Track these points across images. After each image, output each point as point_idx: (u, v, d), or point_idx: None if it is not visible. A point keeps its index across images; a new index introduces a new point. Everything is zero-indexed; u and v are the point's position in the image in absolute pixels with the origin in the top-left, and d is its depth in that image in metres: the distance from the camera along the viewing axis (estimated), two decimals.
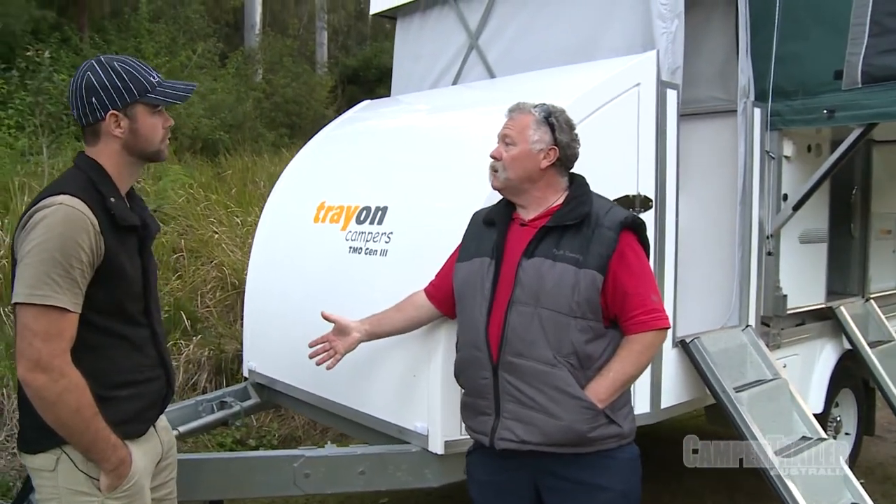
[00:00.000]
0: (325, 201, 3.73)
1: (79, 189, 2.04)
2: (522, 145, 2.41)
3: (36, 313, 1.92)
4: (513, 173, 2.42)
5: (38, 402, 1.95)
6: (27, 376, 1.92)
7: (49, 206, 1.98)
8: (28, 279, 1.93)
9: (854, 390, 4.82)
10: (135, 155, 2.19)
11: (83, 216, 1.99)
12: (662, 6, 3.41)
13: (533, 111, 2.44)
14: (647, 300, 2.35)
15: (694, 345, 3.50)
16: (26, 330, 1.92)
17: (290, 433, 5.78)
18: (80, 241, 1.97)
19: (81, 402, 1.97)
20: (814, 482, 3.40)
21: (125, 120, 2.13)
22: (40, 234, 1.95)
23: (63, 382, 1.94)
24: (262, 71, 14.41)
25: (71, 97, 2.14)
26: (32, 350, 1.91)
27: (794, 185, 4.07)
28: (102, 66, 2.12)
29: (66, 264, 1.94)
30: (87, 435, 2.00)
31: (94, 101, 2.10)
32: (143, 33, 12.05)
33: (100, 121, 2.13)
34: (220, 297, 6.41)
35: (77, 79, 2.13)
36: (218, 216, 7.52)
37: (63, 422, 1.97)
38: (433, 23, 4.61)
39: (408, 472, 3.02)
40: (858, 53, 3.61)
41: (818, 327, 4.50)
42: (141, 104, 2.15)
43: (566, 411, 2.27)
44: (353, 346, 2.86)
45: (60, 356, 1.94)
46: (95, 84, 2.10)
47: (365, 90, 17.97)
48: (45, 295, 1.91)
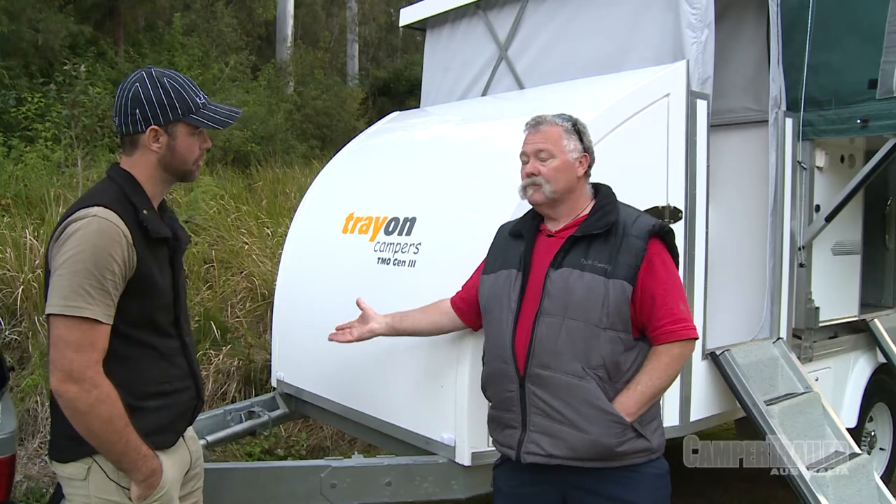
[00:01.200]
0: (353, 212, 3.75)
1: (112, 201, 2.07)
2: (561, 156, 2.39)
3: (69, 324, 1.94)
4: (556, 185, 2.39)
5: (70, 413, 1.97)
6: (60, 387, 1.94)
7: (83, 217, 2.00)
8: (62, 290, 1.95)
9: (889, 405, 4.72)
10: (168, 171, 2.22)
11: (116, 228, 2.02)
12: (692, 16, 3.39)
13: (559, 122, 2.43)
14: (676, 309, 2.32)
15: (724, 357, 3.46)
16: (59, 341, 1.95)
17: (318, 443, 5.80)
18: (113, 253, 1.99)
19: (113, 413, 1.99)
20: (846, 498, 3.34)
21: (164, 136, 2.16)
22: (74, 245, 1.97)
23: (95, 393, 1.96)
24: (293, 83, 14.55)
25: (115, 104, 2.17)
26: (65, 361, 1.93)
27: (826, 195, 4.02)
28: (151, 80, 2.14)
29: (100, 276, 1.96)
30: (119, 445, 2.02)
31: (138, 113, 2.13)
32: (176, 47, 12.26)
33: (140, 133, 2.15)
34: (250, 308, 6.46)
35: (125, 88, 2.16)
36: (248, 227, 7.59)
37: (95, 432, 1.99)
38: (462, 34, 4.63)
39: (434, 484, 3.02)
40: (894, 62, 3.57)
41: (851, 340, 4.43)
42: (182, 123, 2.17)
43: (594, 425, 2.24)
44: (368, 334, 2.90)
45: (93, 367, 1.96)
46: (142, 97, 2.12)
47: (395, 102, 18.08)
48: (78, 306, 1.94)
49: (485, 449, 2.90)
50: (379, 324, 2.89)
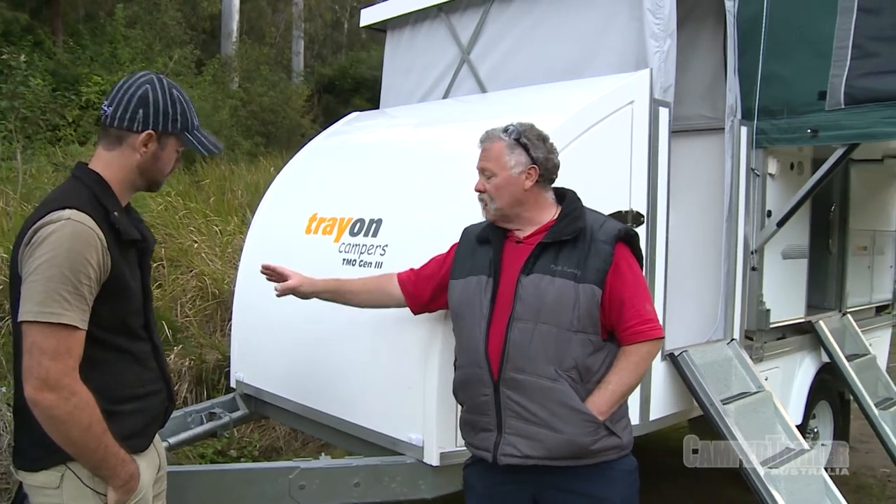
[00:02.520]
0: (317, 213, 3.73)
1: (84, 203, 2.02)
2: (502, 173, 2.44)
3: (45, 331, 1.88)
4: (501, 202, 2.45)
5: (47, 422, 1.92)
6: (36, 396, 1.88)
7: (55, 221, 1.94)
8: (37, 296, 1.89)
9: (831, 402, 4.92)
10: (143, 177, 2.19)
11: (91, 231, 1.97)
12: (656, 26, 3.48)
13: (503, 136, 2.46)
14: (643, 310, 2.39)
15: (682, 358, 3.56)
16: (34, 348, 1.89)
17: (270, 444, 5.76)
18: (89, 257, 1.94)
19: (92, 420, 1.94)
20: (797, 491, 3.48)
21: (155, 144, 2.14)
22: (48, 250, 1.91)
23: (73, 401, 1.91)
24: (238, 79, 14.34)
25: (115, 96, 2.12)
26: (41, 369, 1.88)
27: (777, 201, 4.16)
28: (161, 87, 2.14)
29: (76, 281, 1.91)
30: (98, 452, 1.98)
31: (140, 114, 2.11)
32: (119, 39, 11.95)
33: (133, 132, 2.12)
34: (201, 307, 6.36)
35: (132, 84, 2.13)
36: (197, 225, 7.47)
37: (73, 440, 1.94)
38: (424, 36, 4.64)
39: (402, 484, 3.03)
40: (841, 75, 3.71)
41: (798, 341, 4.60)
42: (175, 138, 2.18)
43: (568, 425, 2.29)
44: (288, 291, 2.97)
45: (70, 374, 1.91)
46: (150, 99, 2.11)
47: (340, 100, 18.02)
48: (55, 313, 1.88)
49: (452, 449, 2.92)
50: (295, 280, 2.94)
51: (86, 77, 10.97)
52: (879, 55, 3.63)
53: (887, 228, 5.84)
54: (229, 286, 6.59)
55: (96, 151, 2.18)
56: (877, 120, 3.60)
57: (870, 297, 5.55)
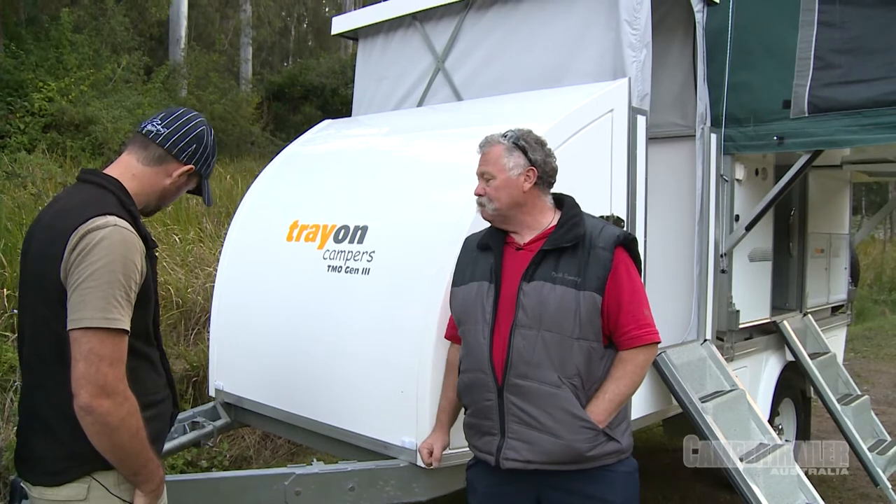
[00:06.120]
0: (297, 220, 3.73)
1: (120, 210, 2.03)
2: (501, 175, 2.49)
3: (104, 337, 1.89)
4: (499, 203, 2.50)
5: (98, 429, 1.91)
6: (93, 402, 1.87)
7: (104, 227, 1.94)
8: (97, 302, 1.89)
9: (794, 399, 5.11)
10: (156, 202, 2.25)
11: (135, 237, 2.00)
12: (633, 36, 3.57)
13: (501, 140, 2.53)
14: (640, 315, 2.45)
15: (661, 359, 3.66)
16: (92, 355, 1.88)
17: (240, 453, 5.71)
18: (137, 263, 1.98)
19: (140, 425, 1.97)
20: (773, 484, 3.61)
21: (185, 178, 2.24)
22: (102, 255, 1.91)
23: (126, 406, 1.93)
24: (188, 85, 14.14)
25: (174, 122, 2.22)
26: (100, 376, 1.88)
27: (744, 206, 4.32)
28: (211, 134, 2.33)
29: (127, 286, 1.94)
30: (142, 457, 2.00)
31: (193, 148, 2.22)
32: (65, 44, 11.69)
33: (176, 161, 2.20)
34: (164, 316, 6.27)
35: (190, 118, 2.26)
36: (156, 234, 7.36)
37: (122, 446, 1.95)
38: (397, 44, 4.67)
39: (396, 487, 3.05)
40: (805, 85, 3.88)
41: (763, 340, 4.76)
42: (197, 177, 2.29)
43: (568, 431, 2.35)
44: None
45: (123, 380, 1.93)
46: (205, 142, 2.26)
47: (290, 107, 17.92)
48: (116, 318, 1.90)
49: (445, 451, 2.96)
50: (443, 435, 2.82)
51: (31, 82, 10.70)
52: (840, 66, 3.81)
53: (841, 231, 6.08)
54: (192, 295, 6.53)
55: (123, 160, 2.20)
56: (839, 128, 3.77)
57: (827, 297, 5.77)
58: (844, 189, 6.14)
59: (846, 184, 6.13)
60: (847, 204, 6.23)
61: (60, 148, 10.06)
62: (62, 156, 9.82)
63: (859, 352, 10.95)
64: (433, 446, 2.77)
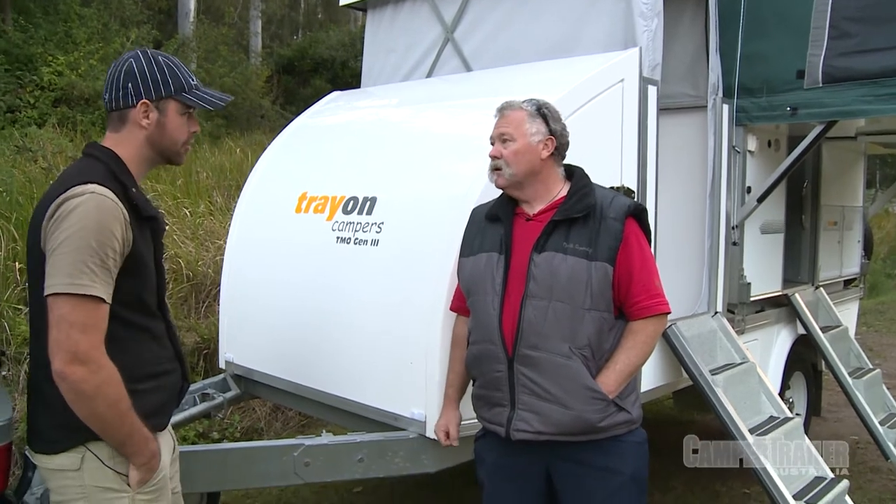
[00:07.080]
0: (306, 192, 3.72)
1: (104, 178, 2.02)
2: (521, 139, 2.46)
3: (74, 304, 1.88)
4: (516, 168, 2.46)
5: (73, 396, 1.91)
6: (65, 369, 1.87)
7: (80, 194, 1.94)
8: (65, 268, 1.88)
9: (805, 373, 5.09)
10: (156, 150, 2.19)
11: (115, 205, 1.97)
12: (644, 5, 3.52)
13: (524, 106, 2.50)
14: (651, 285, 2.44)
15: (672, 331, 3.65)
16: (63, 321, 1.87)
17: (251, 425, 5.75)
18: (114, 231, 1.94)
19: (119, 395, 1.95)
20: (783, 457, 3.61)
21: (155, 113, 2.14)
22: (74, 222, 1.90)
23: (102, 374, 1.91)
24: (197, 59, 14.10)
25: (107, 80, 2.15)
26: (70, 342, 1.87)
27: (756, 178, 4.27)
28: (146, 57, 2.14)
29: (102, 254, 1.91)
30: (124, 428, 1.99)
31: (130, 87, 2.11)
32: (73, 18, 11.67)
33: (130, 107, 2.12)
34: (174, 290, 6.30)
35: (118, 63, 2.15)
36: (167, 207, 7.37)
37: (100, 415, 1.94)
38: (406, 15, 4.62)
39: (405, 459, 3.07)
40: (819, 55, 3.81)
41: (775, 313, 4.74)
42: (174, 101, 2.16)
43: (578, 401, 2.34)
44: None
45: (98, 348, 1.91)
46: (136, 71, 2.11)
47: (300, 80, 17.82)
48: (84, 284, 1.88)
49: None
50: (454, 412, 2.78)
51: (40, 57, 10.69)
52: (855, 35, 3.73)
53: (855, 204, 6.02)
54: (203, 268, 6.55)
55: (106, 137, 2.19)
56: (854, 98, 3.71)
57: (840, 270, 5.73)
58: (859, 161, 6.06)
59: (860, 155, 6.05)
60: (861, 176, 6.15)
61: (71, 122, 10.07)
62: (73, 130, 9.83)
63: (871, 326, 10.89)
64: (448, 426, 2.75)
